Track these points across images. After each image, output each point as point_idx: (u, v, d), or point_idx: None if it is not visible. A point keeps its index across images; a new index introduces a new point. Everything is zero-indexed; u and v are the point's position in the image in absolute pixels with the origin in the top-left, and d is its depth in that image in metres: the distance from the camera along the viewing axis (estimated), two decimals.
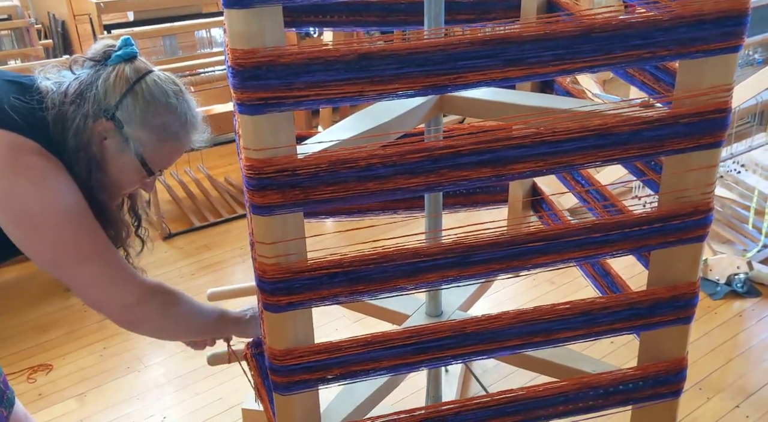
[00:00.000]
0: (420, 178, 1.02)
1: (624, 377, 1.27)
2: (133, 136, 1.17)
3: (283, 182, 0.98)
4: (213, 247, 2.95)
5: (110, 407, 2.07)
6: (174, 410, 2.05)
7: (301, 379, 1.14)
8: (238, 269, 2.77)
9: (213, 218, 3.14)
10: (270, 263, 1.05)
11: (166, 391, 2.12)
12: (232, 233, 3.06)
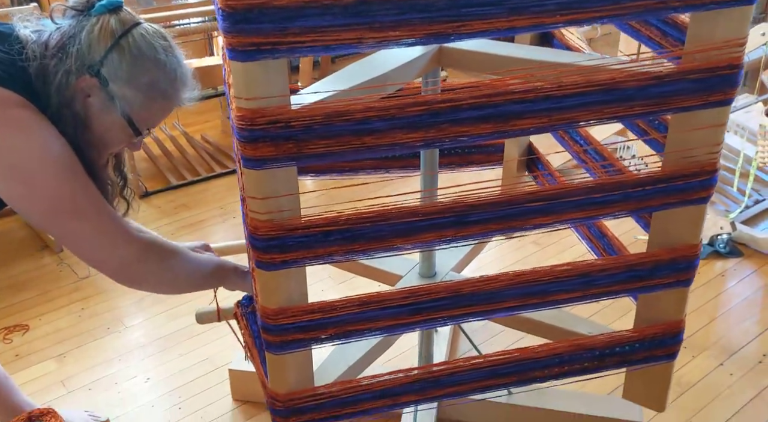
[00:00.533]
0: (418, 133, 0.98)
1: (621, 339, 1.25)
2: (119, 94, 1.11)
3: (275, 133, 0.94)
4: (192, 206, 2.90)
5: (91, 368, 2.03)
6: (157, 371, 2.02)
7: (294, 339, 1.11)
8: (219, 229, 2.73)
9: (191, 176, 3.08)
10: (262, 219, 1.01)
11: (148, 352, 2.09)
12: (211, 191, 3.01)
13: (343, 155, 0.98)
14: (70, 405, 1.88)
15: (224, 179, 3.09)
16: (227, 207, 2.88)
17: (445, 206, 1.05)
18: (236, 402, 1.89)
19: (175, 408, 1.87)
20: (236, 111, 0.93)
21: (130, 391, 1.94)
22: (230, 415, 1.85)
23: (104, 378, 1.99)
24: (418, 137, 0.98)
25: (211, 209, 2.87)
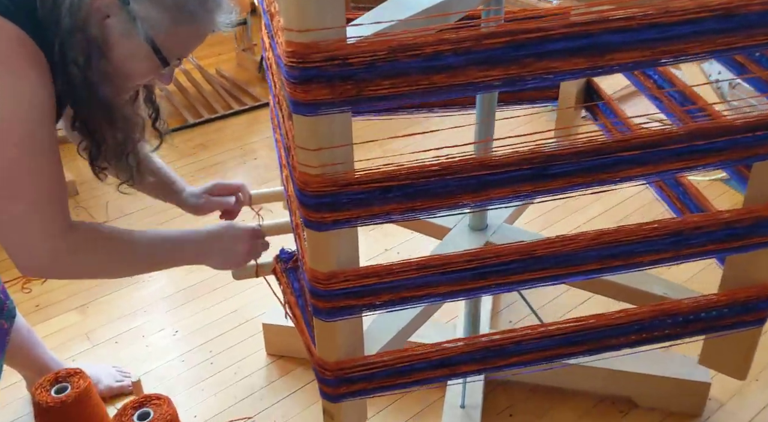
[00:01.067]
0: (498, 69, 0.83)
1: (707, 304, 1.12)
2: (142, 15, 0.96)
3: (332, 73, 0.79)
4: (210, 146, 2.75)
5: (116, 319, 1.94)
6: (185, 324, 1.92)
7: (346, 305, 0.99)
8: (240, 172, 2.59)
9: (207, 114, 2.92)
10: (314, 173, 0.87)
11: (174, 303, 1.99)
12: (229, 130, 2.86)
13: (408, 97, 0.83)
14: (95, 360, 1.80)
15: (242, 117, 2.94)
16: (246, 147, 2.74)
17: (523, 156, 0.91)
18: (271, 357, 1.79)
19: (207, 363, 1.79)
20: (285, 46, 0.78)
21: (158, 345, 1.85)
22: (265, 371, 1.76)
23: (130, 330, 1.90)
24: (498, 74, 0.83)
25: (229, 149, 2.73)
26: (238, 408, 1.67)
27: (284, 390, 1.70)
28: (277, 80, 1.15)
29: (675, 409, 1.55)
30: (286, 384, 1.72)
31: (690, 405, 1.54)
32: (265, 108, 3.00)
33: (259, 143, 2.77)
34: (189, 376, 1.76)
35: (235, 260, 1.20)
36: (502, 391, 1.64)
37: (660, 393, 1.54)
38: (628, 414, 1.56)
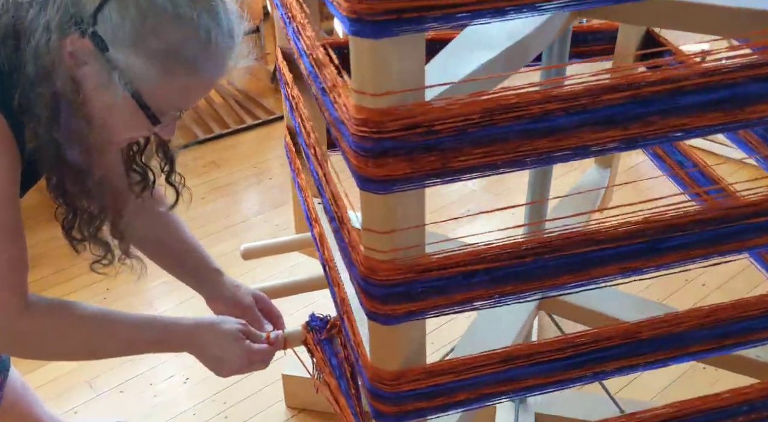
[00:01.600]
0: (615, 129, 0.66)
1: None
2: (123, 64, 0.77)
3: (414, 143, 0.62)
4: (222, 164, 2.58)
5: (120, 364, 1.76)
6: (196, 370, 1.70)
7: (414, 408, 0.82)
8: (253, 193, 2.43)
9: (219, 129, 2.75)
10: (384, 258, 0.70)
11: None
12: (242, 147, 2.69)
13: (501, 166, 0.66)
14: (100, 413, 1.63)
15: (255, 132, 2.77)
16: (261, 166, 2.57)
17: (635, 227, 0.74)
18: (291, 410, 1.62)
19: (221, 418, 1.61)
20: (354, 112, 0.61)
21: (167, 395, 1.67)
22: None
23: (136, 377, 1.72)
24: (615, 134, 0.66)
25: (243, 168, 2.56)
26: None
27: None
28: (308, 128, 0.98)
29: None
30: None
31: None
32: (279, 122, 2.83)
33: (273, 161, 2.61)
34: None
35: (227, 368, 1.00)
36: None
37: None
38: None
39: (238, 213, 2.33)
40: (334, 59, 0.69)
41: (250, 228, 2.25)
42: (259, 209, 2.35)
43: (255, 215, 2.32)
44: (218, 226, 2.27)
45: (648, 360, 0.86)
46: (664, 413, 0.93)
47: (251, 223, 2.28)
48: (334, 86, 0.68)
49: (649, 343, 0.84)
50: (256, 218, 2.31)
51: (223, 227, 2.26)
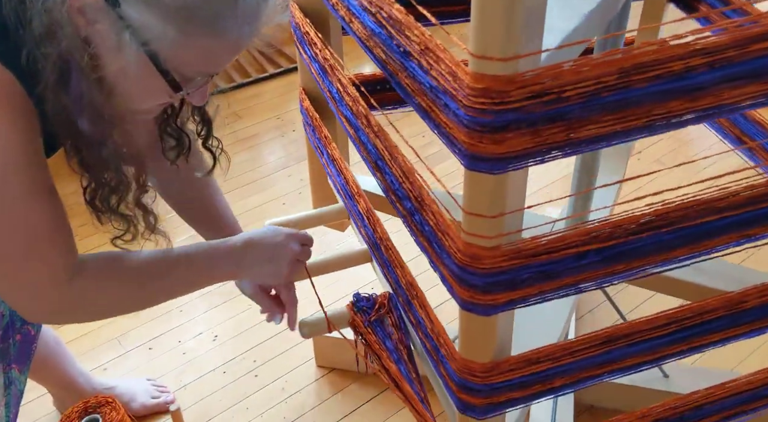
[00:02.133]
0: (756, 84, 0.57)
1: None
2: (137, 21, 0.66)
3: (539, 114, 0.52)
4: (244, 116, 2.44)
5: (149, 321, 1.69)
6: (225, 327, 1.67)
7: (507, 399, 0.75)
8: (277, 146, 2.30)
9: (240, 77, 2.59)
10: (489, 245, 0.61)
11: (212, 302, 1.73)
12: (265, 97, 2.54)
13: (628, 134, 0.57)
14: (129, 369, 1.57)
15: (278, 81, 2.62)
16: (285, 117, 2.44)
17: (760, 192, 0.66)
18: (321, 369, 1.56)
19: (251, 376, 1.55)
20: (471, 80, 0.51)
21: (197, 352, 1.60)
22: (315, 386, 1.52)
23: (165, 334, 1.65)
24: (754, 90, 0.58)
25: (266, 119, 2.42)
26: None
27: (338, 412, 1.47)
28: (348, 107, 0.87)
29: None
30: (340, 405, 1.49)
31: None
32: None
33: (296, 112, 2.48)
34: (232, 392, 1.52)
35: (279, 268, 0.96)
36: (589, 417, 1.44)
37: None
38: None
39: (262, 166, 2.22)
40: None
41: (275, 182, 2.15)
42: (284, 162, 2.23)
43: (280, 169, 2.20)
44: (243, 179, 2.16)
45: (750, 330, 0.79)
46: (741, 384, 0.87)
47: (276, 177, 2.17)
48: (428, 49, 0.57)
49: (753, 312, 0.78)
50: (281, 172, 2.19)
51: (248, 180, 2.15)
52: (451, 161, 2.13)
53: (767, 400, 0.89)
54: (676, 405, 0.85)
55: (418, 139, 2.26)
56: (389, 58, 0.66)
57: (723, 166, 2.01)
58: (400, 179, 0.74)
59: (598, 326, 1.59)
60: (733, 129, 1.16)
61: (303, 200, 2.04)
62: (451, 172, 2.08)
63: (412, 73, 0.61)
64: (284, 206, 2.03)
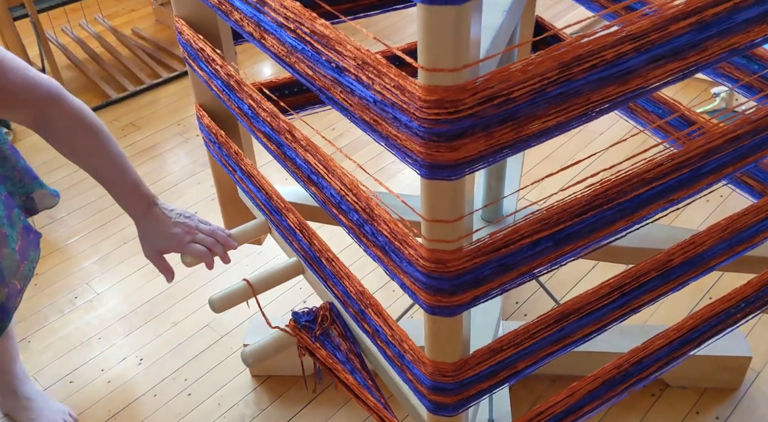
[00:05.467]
0: (676, 61, 0.61)
1: None
2: None
3: (491, 117, 0.53)
4: (142, 125, 2.30)
5: (66, 354, 1.58)
6: (151, 349, 1.59)
7: (477, 391, 0.76)
8: (181, 154, 2.18)
9: (133, 85, 2.43)
10: (452, 248, 0.62)
11: (133, 324, 1.64)
12: (162, 103, 2.40)
13: (570, 123, 0.59)
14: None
15: (174, 86, 2.48)
16: (186, 122, 2.31)
17: (683, 158, 0.71)
18: (257, 379, 1.52)
19: (184, 395, 1.49)
20: (423, 93, 0.51)
21: (123, 378, 1.52)
22: (253, 396, 1.49)
23: (86, 364, 1.55)
24: (675, 67, 0.61)
25: (166, 126, 2.29)
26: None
27: (279, 418, 1.45)
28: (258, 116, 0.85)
29: (711, 385, 1.44)
30: (280, 412, 1.46)
31: (727, 381, 1.43)
32: None
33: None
34: (165, 415, 1.46)
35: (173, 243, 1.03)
36: (523, 387, 1.50)
37: (694, 371, 1.42)
38: (660, 397, 1.45)
39: (168, 176, 2.10)
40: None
41: (183, 192, 2.03)
42: (191, 169, 2.11)
43: (187, 177, 2.09)
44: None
45: (677, 284, 0.85)
46: (683, 327, 0.94)
47: (184, 186, 2.06)
48: (366, 64, 0.56)
49: (680, 268, 0.83)
50: (188, 180, 2.08)
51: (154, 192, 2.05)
52: (366, 152, 2.13)
53: (693, 344, 0.96)
54: (620, 364, 0.90)
55: (329, 132, 2.24)
56: (317, 74, 0.65)
57: (619, 140, 2.14)
58: (342, 193, 0.72)
59: (521, 298, 1.66)
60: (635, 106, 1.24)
61: (216, 207, 1.95)
62: (368, 160, 2.08)
63: (350, 89, 0.60)
64: (197, 215, 1.95)
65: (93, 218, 1.95)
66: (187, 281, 1.73)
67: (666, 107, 1.10)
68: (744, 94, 1.04)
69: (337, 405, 1.46)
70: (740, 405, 1.42)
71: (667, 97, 1.13)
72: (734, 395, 1.44)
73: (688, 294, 1.65)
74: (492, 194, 1.28)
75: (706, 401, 1.44)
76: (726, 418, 1.40)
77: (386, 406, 0.91)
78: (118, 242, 1.87)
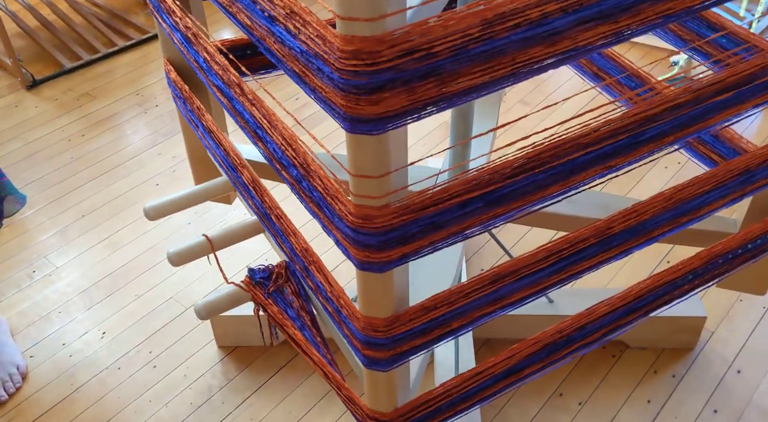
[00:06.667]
0: (607, 24, 0.61)
1: (756, 233, 1.03)
2: None
3: (412, 71, 0.53)
4: (98, 95, 2.27)
5: (25, 328, 1.58)
6: (113, 322, 1.59)
7: (410, 348, 0.78)
8: (140, 124, 2.16)
9: (88, 54, 2.39)
10: (379, 204, 0.62)
11: (95, 297, 1.64)
12: (119, 72, 2.37)
13: (498, 82, 0.60)
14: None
15: (131, 54, 2.44)
16: (144, 91, 2.28)
17: (620, 124, 0.71)
18: (223, 350, 1.54)
19: (149, 368, 1.50)
20: (341, 43, 0.51)
21: (85, 353, 1.53)
22: (220, 367, 1.51)
23: (46, 339, 1.55)
24: (606, 30, 0.62)
25: (124, 96, 2.26)
26: (198, 417, 1.42)
27: (246, 388, 1.47)
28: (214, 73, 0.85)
29: (668, 345, 1.49)
30: (248, 381, 1.49)
31: (684, 341, 1.48)
32: (156, 40, 2.51)
33: (156, 85, 2.32)
34: (130, 387, 1.47)
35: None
36: (487, 351, 1.53)
37: (653, 333, 1.47)
38: (620, 358, 1.49)
39: (128, 147, 2.07)
40: None
41: (144, 163, 2.01)
42: (152, 140, 2.09)
43: (147, 148, 2.07)
44: (107, 164, 2.00)
45: (618, 252, 0.86)
46: (619, 300, 0.96)
47: (144, 157, 2.04)
48: (293, 12, 0.56)
49: (620, 236, 0.84)
50: (149, 151, 2.06)
51: (113, 164, 2.01)
52: (331, 122, 2.12)
53: (639, 313, 0.97)
54: (562, 328, 0.92)
55: (292, 102, 2.23)
56: (255, 24, 0.65)
57: (580, 101, 2.14)
58: (283, 147, 0.73)
59: (486, 264, 1.68)
60: (591, 66, 1.24)
61: (178, 178, 1.96)
62: (332, 132, 2.07)
63: (281, 39, 0.60)
64: (158, 187, 1.94)
65: (49, 191, 1.93)
66: (149, 254, 1.72)
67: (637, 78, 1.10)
68: (699, 60, 1.04)
69: (306, 374, 1.49)
70: (695, 364, 1.47)
71: (631, 64, 1.13)
72: (690, 354, 1.49)
73: (649, 257, 1.67)
74: (458, 159, 1.28)
75: (664, 360, 1.48)
76: (682, 376, 1.45)
77: (331, 362, 0.93)
78: (77, 215, 1.85)
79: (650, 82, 1.07)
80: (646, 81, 1.07)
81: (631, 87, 1.17)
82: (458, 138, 1.19)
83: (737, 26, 1.04)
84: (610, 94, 1.15)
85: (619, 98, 1.09)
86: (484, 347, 1.53)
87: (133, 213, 1.83)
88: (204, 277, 1.65)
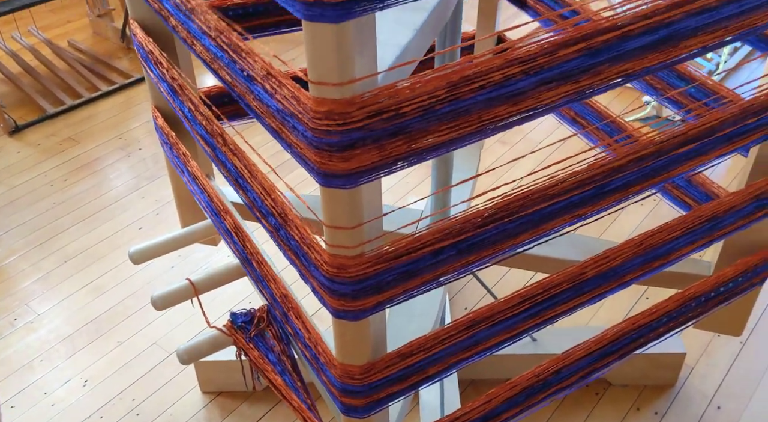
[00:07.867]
0: (569, 84, 0.64)
1: (727, 276, 1.05)
2: None
3: (381, 130, 0.56)
4: (81, 140, 2.28)
5: (6, 378, 1.57)
6: (96, 369, 1.58)
7: (387, 395, 0.79)
8: (123, 168, 2.17)
9: (70, 99, 2.40)
10: (353, 254, 0.65)
11: (77, 345, 1.64)
12: (101, 117, 2.38)
13: (462, 140, 0.63)
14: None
15: (114, 99, 2.46)
16: (127, 135, 2.30)
17: (585, 176, 0.74)
18: (207, 396, 1.53)
19: (132, 416, 1.49)
20: (315, 105, 0.54)
21: (67, 401, 1.51)
22: (204, 413, 1.50)
23: (28, 388, 1.54)
24: (568, 90, 0.65)
25: (107, 140, 2.27)
26: None
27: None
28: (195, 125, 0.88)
29: (650, 382, 1.51)
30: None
31: (664, 377, 1.51)
32: (140, 84, 2.53)
33: (139, 129, 2.34)
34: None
35: None
36: (473, 391, 1.53)
37: (634, 370, 1.49)
38: (604, 395, 1.51)
39: (110, 191, 2.08)
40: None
41: (127, 207, 2.02)
42: (135, 184, 2.10)
43: (131, 192, 2.08)
44: (90, 209, 2.01)
45: (592, 296, 0.88)
46: (606, 337, 0.97)
47: (127, 201, 2.04)
48: (270, 74, 0.59)
49: (593, 281, 0.87)
50: (132, 194, 2.07)
51: (96, 209, 2.01)
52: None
53: (614, 356, 0.99)
54: (539, 372, 0.94)
55: (272, 146, 2.26)
56: (235, 81, 0.68)
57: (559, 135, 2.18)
58: (262, 197, 0.75)
59: (469, 303, 1.69)
60: (568, 111, 1.28)
61: (162, 221, 1.96)
62: (308, 177, 2.10)
63: (259, 97, 0.63)
64: (141, 230, 1.94)
65: (31, 237, 1.92)
66: (132, 299, 1.72)
67: (613, 124, 1.14)
68: (670, 108, 1.08)
69: (289, 420, 1.48)
70: (677, 400, 1.48)
71: (609, 111, 1.17)
72: (671, 391, 1.51)
73: (630, 290, 1.69)
74: (439, 204, 1.31)
75: (646, 397, 1.50)
76: (664, 413, 1.46)
77: (311, 407, 0.93)
78: (59, 261, 1.84)
79: (627, 130, 1.11)
80: (622, 127, 1.11)
81: (608, 132, 1.21)
82: (439, 181, 1.21)
83: (704, 76, 1.09)
84: (588, 138, 1.19)
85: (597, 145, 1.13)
86: (470, 387, 1.54)
87: (117, 257, 1.84)
88: (187, 322, 1.65)
